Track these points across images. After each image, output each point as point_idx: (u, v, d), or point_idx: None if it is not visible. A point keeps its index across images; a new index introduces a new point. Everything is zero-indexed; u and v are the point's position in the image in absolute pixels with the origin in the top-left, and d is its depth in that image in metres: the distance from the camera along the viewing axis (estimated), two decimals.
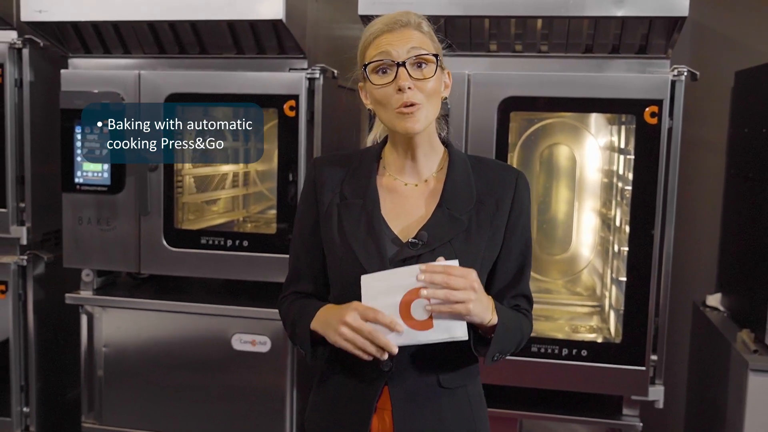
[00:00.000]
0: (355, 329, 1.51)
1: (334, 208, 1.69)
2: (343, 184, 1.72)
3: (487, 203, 1.67)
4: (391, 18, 1.63)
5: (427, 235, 1.62)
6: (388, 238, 1.64)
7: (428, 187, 1.71)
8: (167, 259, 2.99)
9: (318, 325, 1.62)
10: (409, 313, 1.51)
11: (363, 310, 1.52)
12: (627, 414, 2.75)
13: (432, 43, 1.65)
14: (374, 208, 1.66)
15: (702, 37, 3.41)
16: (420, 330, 1.50)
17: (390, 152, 1.74)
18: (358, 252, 1.62)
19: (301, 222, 1.77)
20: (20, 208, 3.19)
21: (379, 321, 1.50)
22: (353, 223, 1.66)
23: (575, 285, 3.28)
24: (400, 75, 1.57)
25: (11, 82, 3.10)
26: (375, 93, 1.61)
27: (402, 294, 1.51)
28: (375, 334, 1.50)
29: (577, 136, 3.12)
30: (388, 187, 1.71)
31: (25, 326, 3.29)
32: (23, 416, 3.32)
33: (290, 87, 2.82)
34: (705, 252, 3.53)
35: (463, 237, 1.64)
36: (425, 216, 1.66)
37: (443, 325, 1.50)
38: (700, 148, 3.48)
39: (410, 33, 1.61)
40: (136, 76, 2.95)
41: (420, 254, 1.61)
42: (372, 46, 1.62)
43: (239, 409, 3.01)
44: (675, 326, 3.47)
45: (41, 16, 2.88)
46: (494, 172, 1.73)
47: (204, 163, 3.27)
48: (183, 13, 2.82)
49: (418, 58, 1.59)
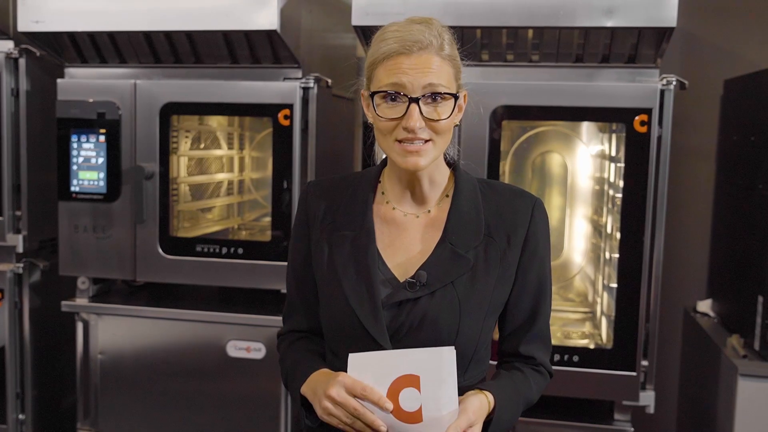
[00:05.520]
0: (339, 404, 1.36)
1: (325, 240, 1.54)
2: (336, 212, 1.56)
3: (498, 237, 1.50)
4: (409, 35, 1.41)
5: (427, 275, 1.46)
6: (382, 276, 1.49)
7: (430, 217, 1.54)
8: (163, 267, 3.01)
9: (307, 391, 1.47)
10: (397, 402, 1.36)
11: (350, 384, 1.36)
12: (618, 419, 2.78)
13: (453, 70, 1.46)
14: (369, 241, 1.50)
15: (692, 46, 3.46)
16: (408, 423, 1.36)
17: (389, 177, 1.57)
18: (348, 292, 1.47)
19: (293, 253, 1.63)
20: (16, 216, 3.20)
21: (367, 397, 1.35)
22: (345, 258, 1.50)
23: (567, 291, 3.31)
24: (411, 114, 1.39)
25: (8, 92, 3.12)
26: (378, 123, 1.45)
27: (392, 380, 1.36)
28: (361, 411, 1.35)
29: (569, 144, 3.16)
30: (386, 218, 1.55)
31: (21, 333, 3.30)
32: (19, 424, 3.33)
33: (284, 96, 2.85)
34: (696, 258, 3.57)
35: (468, 277, 1.46)
36: (426, 252, 1.49)
37: (434, 422, 1.35)
38: (691, 156, 3.52)
39: (430, 60, 1.41)
40: (132, 86, 2.97)
41: (418, 297, 1.45)
42: (383, 67, 1.42)
43: (235, 415, 3.02)
44: (666, 332, 3.51)
45: (38, 27, 2.91)
46: (506, 200, 1.55)
47: (199, 171, 3.31)
48: (178, 24, 2.84)
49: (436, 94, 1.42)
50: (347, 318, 1.47)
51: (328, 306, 1.52)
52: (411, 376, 1.36)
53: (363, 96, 1.53)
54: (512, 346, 1.59)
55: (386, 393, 1.36)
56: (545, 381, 1.61)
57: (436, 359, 1.37)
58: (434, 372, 1.36)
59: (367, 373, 1.38)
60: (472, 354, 1.50)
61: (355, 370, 1.39)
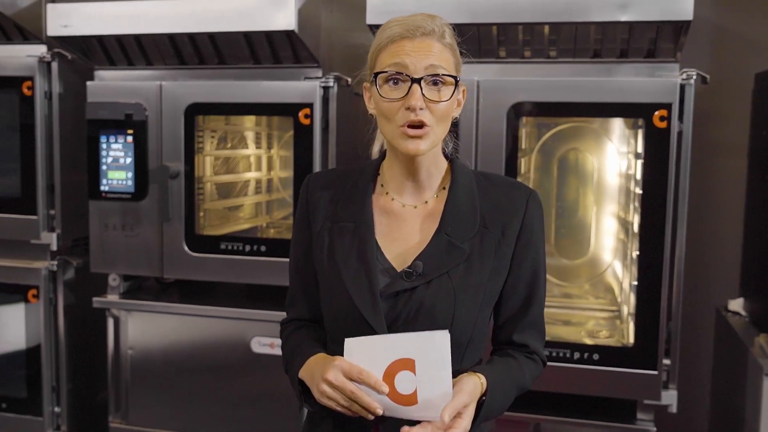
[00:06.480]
0: (336, 387, 1.40)
1: (326, 231, 1.58)
2: (337, 204, 1.60)
3: (493, 228, 1.53)
4: (413, 22, 1.47)
5: (422, 265, 1.49)
6: (380, 266, 1.52)
7: (428, 209, 1.57)
8: (188, 264, 3.07)
9: (305, 376, 1.51)
10: (393, 384, 1.40)
11: (347, 368, 1.40)
12: (641, 419, 2.74)
13: (453, 58, 1.50)
14: (368, 232, 1.54)
15: (721, 40, 3.38)
16: (402, 405, 1.40)
17: (389, 168, 1.60)
18: (348, 282, 1.50)
19: (295, 244, 1.67)
20: (50, 215, 3.30)
21: (364, 381, 1.39)
22: (345, 250, 1.54)
23: (595, 289, 3.27)
24: (413, 93, 1.43)
25: (41, 94, 3.21)
26: (381, 104, 1.48)
27: (387, 363, 1.40)
28: (357, 394, 1.38)
29: (595, 140, 3.13)
30: (385, 209, 1.59)
31: (55, 329, 3.40)
32: (55, 416, 3.42)
33: (305, 95, 2.88)
34: (729, 256, 3.49)
35: (463, 267, 1.50)
36: (423, 242, 1.53)
37: (429, 404, 1.38)
38: (722, 152, 3.44)
39: (431, 44, 1.45)
40: (158, 87, 3.04)
41: (414, 287, 1.48)
42: (387, 51, 1.47)
43: (258, 410, 3.07)
44: (698, 331, 3.44)
45: (66, 31, 3.00)
46: (502, 192, 1.58)
47: (226, 170, 3.36)
48: (201, 25, 2.90)
49: (437, 76, 1.45)
50: (346, 307, 1.50)
51: (329, 296, 1.55)
52: (406, 360, 1.39)
53: (365, 87, 1.57)
54: (506, 335, 1.62)
55: (382, 376, 1.40)
56: (539, 369, 1.64)
57: (430, 343, 1.40)
58: (429, 355, 1.40)
59: (363, 357, 1.41)
60: (467, 342, 1.53)
61: (352, 355, 1.42)
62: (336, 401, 1.41)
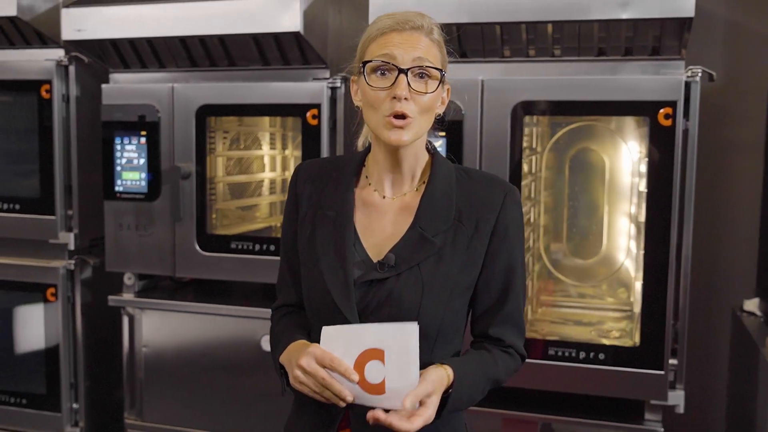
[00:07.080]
0: (309, 373, 1.42)
1: (309, 218, 1.62)
2: (321, 193, 1.63)
3: (467, 223, 1.56)
4: (402, 16, 1.51)
5: (395, 258, 1.53)
6: (358, 257, 1.56)
7: (406, 201, 1.60)
8: (199, 263, 3.12)
9: (285, 360, 1.55)
10: (363, 373, 1.42)
11: (320, 355, 1.42)
12: (649, 419, 2.72)
13: (440, 54, 1.54)
14: (347, 222, 1.57)
15: (737, 37, 3.33)
16: (371, 394, 1.42)
17: (373, 161, 1.63)
18: (324, 270, 1.54)
19: (284, 230, 1.71)
20: (68, 215, 3.37)
21: (335, 368, 1.41)
22: (325, 238, 1.58)
23: (607, 289, 3.25)
24: (399, 83, 1.46)
25: (59, 98, 3.29)
26: (368, 93, 1.51)
27: (359, 352, 1.42)
28: (328, 381, 1.41)
29: (607, 139, 3.10)
30: (366, 200, 1.62)
31: (73, 327, 3.47)
32: (73, 412, 3.50)
33: (312, 96, 2.91)
34: (746, 256, 3.44)
35: (433, 260, 1.53)
36: (398, 235, 1.56)
37: (396, 394, 1.41)
38: (738, 150, 3.39)
39: (419, 38, 1.50)
40: (170, 89, 3.10)
41: (386, 277, 1.52)
42: (376, 42, 1.51)
43: (269, 408, 3.10)
44: (713, 332, 3.40)
45: (80, 35, 3.07)
46: (480, 187, 1.60)
47: (238, 171, 3.40)
48: (211, 28, 2.95)
49: (423, 69, 1.49)
50: (322, 295, 1.54)
51: (307, 282, 1.60)
52: (376, 350, 1.42)
53: (353, 81, 1.60)
54: (482, 328, 1.64)
55: (353, 365, 1.42)
56: (515, 363, 1.65)
57: (399, 334, 1.43)
58: (397, 346, 1.42)
59: (337, 345, 1.44)
60: (436, 335, 1.55)
61: (327, 342, 1.45)
62: (309, 387, 1.44)
